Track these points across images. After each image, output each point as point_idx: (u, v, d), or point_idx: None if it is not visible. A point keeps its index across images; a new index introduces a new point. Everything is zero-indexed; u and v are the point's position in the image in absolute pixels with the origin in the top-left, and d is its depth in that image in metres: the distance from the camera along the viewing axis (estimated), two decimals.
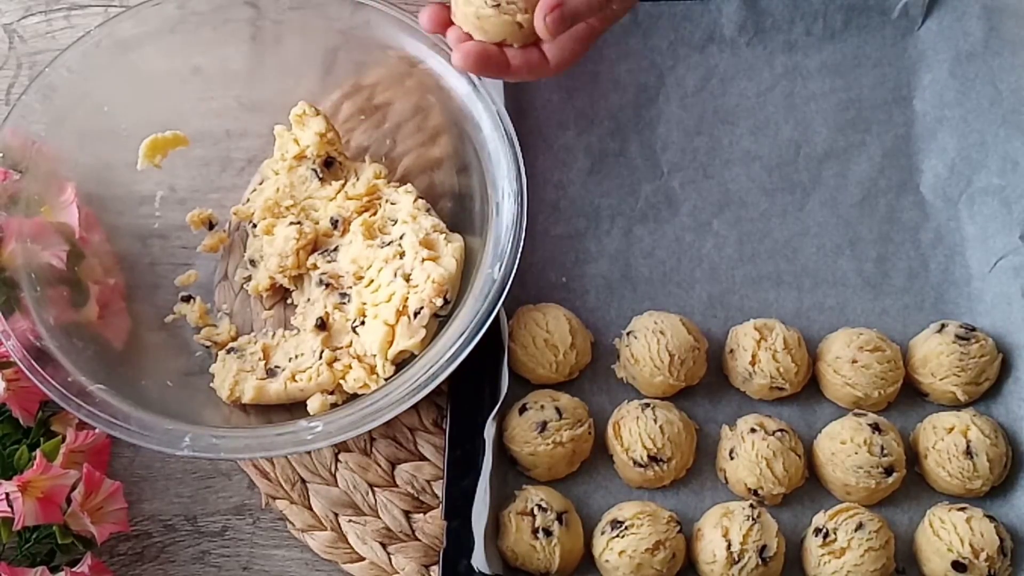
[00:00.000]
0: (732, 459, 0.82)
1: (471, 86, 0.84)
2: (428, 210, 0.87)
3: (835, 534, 0.79)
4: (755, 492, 0.82)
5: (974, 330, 0.86)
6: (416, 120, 0.90)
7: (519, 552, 0.79)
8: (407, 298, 0.81)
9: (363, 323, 0.83)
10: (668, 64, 0.95)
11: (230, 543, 0.84)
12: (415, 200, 0.87)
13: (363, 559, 0.83)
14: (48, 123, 0.83)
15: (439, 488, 0.85)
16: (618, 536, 0.78)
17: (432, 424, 0.87)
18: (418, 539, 0.84)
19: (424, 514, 0.84)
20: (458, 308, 0.80)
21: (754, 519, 0.79)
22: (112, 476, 0.80)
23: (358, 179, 0.89)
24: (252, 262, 0.89)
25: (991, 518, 0.80)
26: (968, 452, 0.81)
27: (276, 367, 0.84)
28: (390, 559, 0.83)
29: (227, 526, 0.84)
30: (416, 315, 0.81)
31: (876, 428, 0.82)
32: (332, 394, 0.83)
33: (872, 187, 0.93)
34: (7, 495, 0.74)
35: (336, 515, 0.84)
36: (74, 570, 0.76)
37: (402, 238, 0.85)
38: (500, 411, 0.81)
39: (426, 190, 0.89)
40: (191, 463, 0.86)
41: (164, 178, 0.90)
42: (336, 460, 0.85)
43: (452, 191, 0.88)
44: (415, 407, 0.80)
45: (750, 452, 0.81)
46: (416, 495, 0.85)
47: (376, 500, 0.85)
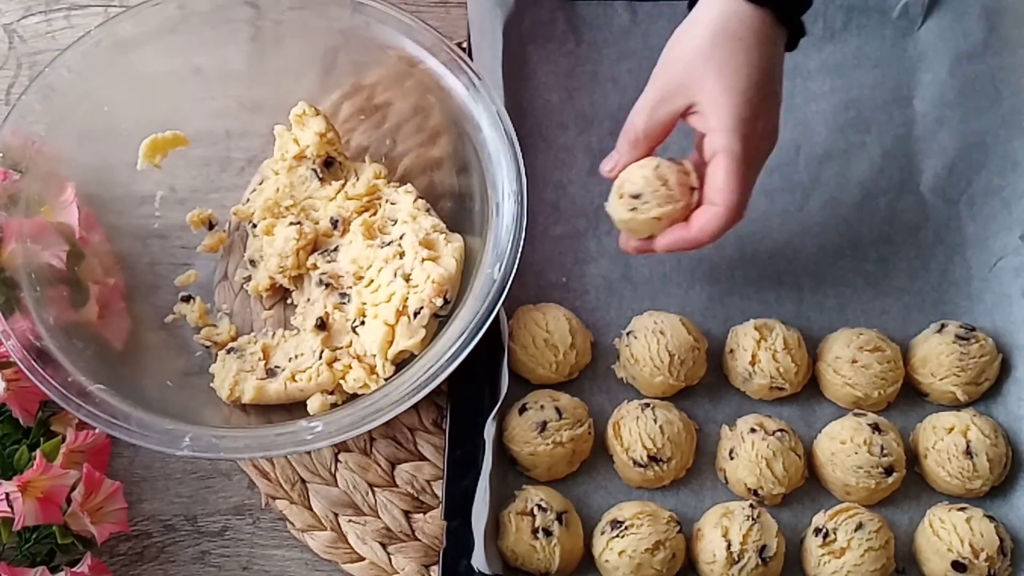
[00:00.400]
0: (732, 459, 0.82)
1: (471, 86, 0.84)
2: (428, 210, 0.87)
3: (835, 534, 0.79)
4: (755, 492, 0.82)
5: (974, 330, 0.86)
6: (416, 120, 0.90)
7: (519, 552, 0.79)
8: (407, 298, 0.81)
9: (363, 323, 0.83)
10: None
11: (230, 543, 0.84)
12: (415, 200, 0.87)
13: (363, 559, 0.83)
14: (48, 123, 0.83)
15: (439, 488, 0.85)
16: (618, 536, 0.78)
17: (432, 424, 0.87)
18: (418, 539, 0.84)
19: (424, 514, 0.84)
20: (458, 308, 0.80)
21: (754, 519, 0.79)
22: (112, 476, 0.80)
23: (358, 179, 0.89)
24: (252, 262, 0.89)
25: (991, 518, 0.80)
26: (968, 452, 0.81)
27: (276, 367, 0.84)
28: (390, 559, 0.83)
29: (227, 526, 0.84)
30: (416, 315, 0.81)
31: (876, 428, 0.82)
32: (332, 394, 0.83)
33: (872, 187, 0.93)
34: (7, 495, 0.74)
35: (336, 515, 0.84)
36: (74, 570, 0.76)
37: (402, 238, 0.85)
38: (500, 411, 0.81)
39: (426, 190, 0.89)
40: (191, 463, 0.86)
41: (164, 178, 0.90)
42: (336, 460, 0.85)
43: (452, 191, 0.88)
44: (415, 407, 0.80)
45: (750, 452, 0.81)
46: (416, 495, 0.85)
47: (376, 500, 0.85)
